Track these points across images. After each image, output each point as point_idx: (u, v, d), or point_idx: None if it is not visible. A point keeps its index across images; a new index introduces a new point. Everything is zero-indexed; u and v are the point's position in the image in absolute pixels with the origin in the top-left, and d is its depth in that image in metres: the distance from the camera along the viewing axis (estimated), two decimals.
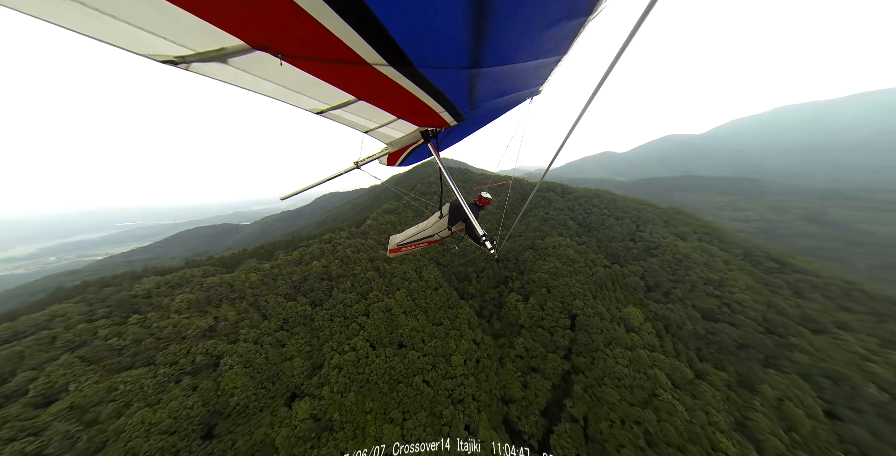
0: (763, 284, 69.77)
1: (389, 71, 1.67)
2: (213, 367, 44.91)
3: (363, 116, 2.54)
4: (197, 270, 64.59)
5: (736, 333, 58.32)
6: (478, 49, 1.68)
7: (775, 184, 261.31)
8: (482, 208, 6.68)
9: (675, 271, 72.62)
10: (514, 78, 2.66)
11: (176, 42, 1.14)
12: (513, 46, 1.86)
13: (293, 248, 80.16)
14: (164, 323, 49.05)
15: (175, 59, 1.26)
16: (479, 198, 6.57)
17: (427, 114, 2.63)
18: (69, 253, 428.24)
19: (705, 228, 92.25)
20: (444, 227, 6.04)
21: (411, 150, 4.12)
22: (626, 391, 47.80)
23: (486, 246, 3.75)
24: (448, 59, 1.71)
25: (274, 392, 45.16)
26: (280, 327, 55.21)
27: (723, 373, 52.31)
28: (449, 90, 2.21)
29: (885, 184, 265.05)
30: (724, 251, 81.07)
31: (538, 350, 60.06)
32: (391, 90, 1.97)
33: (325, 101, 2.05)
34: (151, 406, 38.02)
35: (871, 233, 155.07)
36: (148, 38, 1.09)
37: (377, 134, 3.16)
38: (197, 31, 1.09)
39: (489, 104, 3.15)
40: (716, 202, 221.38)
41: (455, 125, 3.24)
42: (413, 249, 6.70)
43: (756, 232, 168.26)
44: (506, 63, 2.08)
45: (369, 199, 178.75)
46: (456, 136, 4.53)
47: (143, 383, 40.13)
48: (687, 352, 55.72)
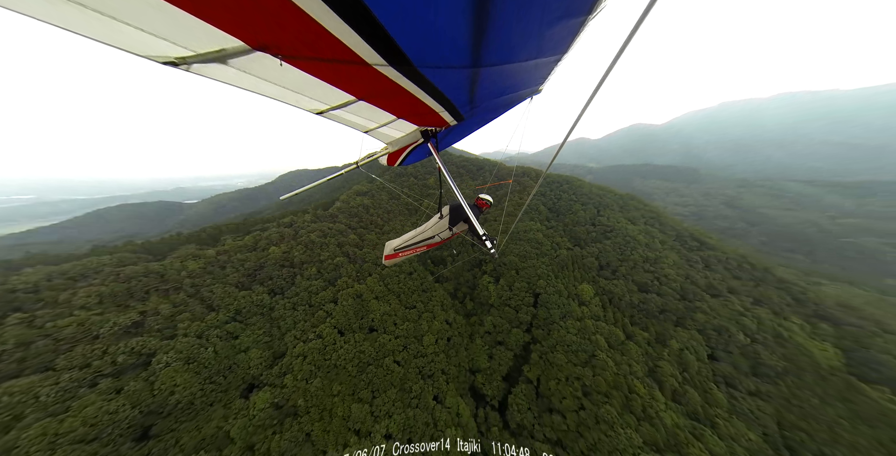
0: (685, 260, 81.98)
1: (389, 71, 1.68)
2: (142, 366, 39.47)
3: (363, 116, 2.58)
4: (108, 257, 53.98)
5: (660, 300, 68.86)
6: (478, 48, 1.68)
7: (709, 174, 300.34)
8: (482, 211, 6.43)
9: (623, 252, 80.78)
10: (514, 77, 2.65)
11: (176, 43, 1.16)
12: (513, 46, 1.84)
13: (245, 232, 71.21)
14: (63, 322, 40.95)
15: (176, 60, 1.28)
16: (478, 199, 6.36)
17: (427, 113, 2.68)
18: None
19: (651, 212, 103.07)
20: (445, 228, 5.88)
21: (411, 150, 4.17)
22: (573, 355, 54.71)
23: (486, 246, 3.77)
24: (448, 59, 1.72)
25: (226, 385, 41.73)
26: (232, 319, 49.98)
27: (645, 333, 62.36)
28: (449, 90, 2.22)
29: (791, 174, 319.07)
30: (662, 233, 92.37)
31: (504, 326, 64.05)
32: (391, 90, 1.97)
33: (325, 102, 2.07)
34: (56, 416, 32.38)
35: (766, 215, 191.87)
36: (149, 39, 1.10)
37: (377, 134, 3.20)
38: (197, 33, 1.10)
39: (489, 103, 3.16)
40: (665, 189, 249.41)
41: (455, 125, 3.24)
42: (412, 253, 6.28)
43: (689, 215, 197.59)
44: (506, 62, 2.07)
45: (340, 179, 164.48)
46: (456, 135, 4.49)
47: (37, 392, 33.58)
48: (623, 319, 64.77)
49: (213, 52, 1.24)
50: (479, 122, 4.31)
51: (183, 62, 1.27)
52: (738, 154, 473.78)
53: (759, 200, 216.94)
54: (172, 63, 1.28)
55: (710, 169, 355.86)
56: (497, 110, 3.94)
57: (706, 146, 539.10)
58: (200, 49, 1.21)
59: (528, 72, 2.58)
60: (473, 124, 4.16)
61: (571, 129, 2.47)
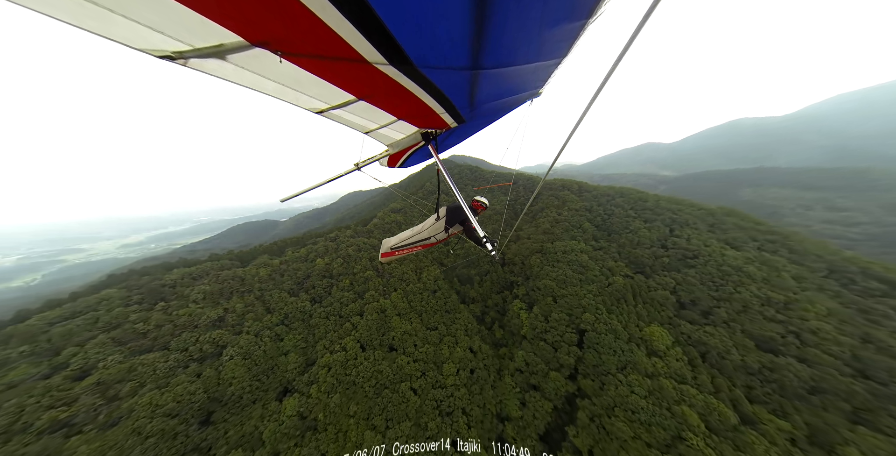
0: (856, 311, 53.42)
1: (390, 70, 1.68)
2: (216, 356, 48.45)
3: (363, 117, 2.58)
4: (217, 263, 71.03)
5: (808, 372, 45.22)
6: (478, 50, 1.70)
7: (894, 175, 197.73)
8: (477, 213, 6.40)
9: (721, 287, 59.32)
10: (515, 80, 2.68)
11: (173, 37, 1.15)
12: (513, 48, 1.87)
13: (302, 245, 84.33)
14: (182, 311, 54.48)
15: (172, 54, 1.26)
16: (473, 202, 6.41)
17: (427, 115, 2.70)
18: (163, 241, 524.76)
19: (769, 233, 74.23)
20: (441, 229, 5.98)
21: (412, 152, 4.20)
22: (642, 428, 40.11)
23: (486, 248, 3.77)
24: (449, 60, 1.73)
25: (267, 385, 47.44)
26: (281, 322, 58.14)
27: (784, 422, 40.84)
28: (449, 91, 2.23)
29: None
30: (797, 265, 64.51)
31: (539, 366, 54.22)
32: (392, 90, 1.98)
33: (325, 101, 2.05)
34: (161, 389, 42.30)
35: None
36: (145, 32, 1.09)
37: (377, 135, 3.20)
38: (195, 27, 1.08)
39: (489, 106, 3.17)
40: (800, 200, 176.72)
41: (455, 127, 3.28)
42: (407, 253, 6.41)
43: (863, 239, 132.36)
44: (506, 65, 2.10)
45: (383, 197, 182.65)
46: (456, 137, 4.54)
47: (156, 367, 44.92)
48: (731, 389, 44.81)
49: (211, 48, 1.23)
50: (479, 125, 4.29)
51: (180, 56, 1.27)
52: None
53: None
54: (169, 57, 1.27)
55: (892, 167, 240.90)
56: (497, 113, 3.94)
57: (877, 136, 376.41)
58: (198, 44, 1.19)
59: (528, 74, 2.60)
60: (474, 127, 4.17)
61: (573, 129, 2.44)
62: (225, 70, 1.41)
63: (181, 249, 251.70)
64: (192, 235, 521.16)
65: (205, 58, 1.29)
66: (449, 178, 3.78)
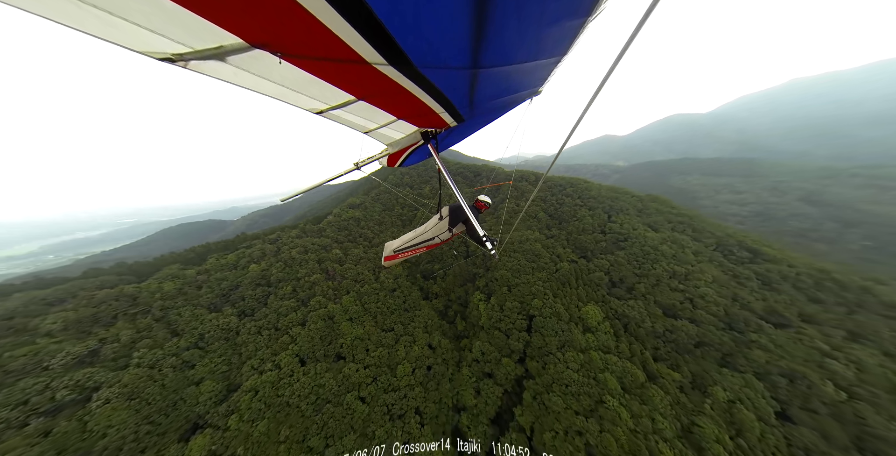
0: (731, 276, 63.54)
1: (389, 70, 1.69)
2: (81, 403, 37.40)
3: (363, 117, 2.58)
4: (93, 280, 56.48)
5: (695, 329, 53.09)
6: (477, 49, 1.70)
7: (777, 164, 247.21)
8: (480, 212, 6.56)
9: (642, 265, 65.82)
10: (514, 78, 2.70)
11: (174, 39, 1.14)
12: (512, 47, 1.87)
13: (231, 249, 72.76)
14: (18, 351, 39.88)
15: (173, 56, 1.26)
16: (477, 201, 6.53)
17: (427, 114, 2.70)
18: (69, 251, 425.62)
19: (680, 216, 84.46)
20: (445, 229, 5.99)
21: (411, 151, 4.27)
22: (573, 399, 43.17)
23: (486, 246, 3.91)
24: (448, 60, 1.74)
25: (166, 427, 38.71)
26: (194, 345, 48.94)
27: (676, 373, 47.74)
28: (449, 90, 2.24)
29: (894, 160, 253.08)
30: (696, 241, 74.23)
31: (493, 354, 54.56)
32: (391, 90, 1.99)
33: (324, 101, 2.06)
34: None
35: (869, 212, 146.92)
36: (145, 34, 1.09)
37: (377, 135, 3.22)
38: (195, 29, 1.08)
39: (489, 105, 3.20)
40: (713, 185, 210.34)
41: (455, 126, 3.30)
42: (412, 254, 6.24)
43: (751, 215, 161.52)
44: (505, 64, 2.10)
45: (345, 192, 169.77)
46: (455, 136, 4.60)
47: None
48: (642, 352, 50.26)
49: (212, 49, 1.22)
50: (478, 124, 4.29)
51: (180, 59, 1.25)
52: (815, 138, 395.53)
53: (853, 193, 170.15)
54: (169, 59, 1.25)
55: (778, 158, 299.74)
56: (497, 111, 3.96)
57: (769, 132, 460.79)
58: (198, 45, 1.18)
59: (527, 73, 2.60)
60: (473, 125, 4.16)
61: (573, 130, 2.52)
62: (224, 72, 1.40)
63: (87, 259, 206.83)
64: (109, 242, 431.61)
65: (205, 60, 1.27)
66: (449, 177, 3.87)
